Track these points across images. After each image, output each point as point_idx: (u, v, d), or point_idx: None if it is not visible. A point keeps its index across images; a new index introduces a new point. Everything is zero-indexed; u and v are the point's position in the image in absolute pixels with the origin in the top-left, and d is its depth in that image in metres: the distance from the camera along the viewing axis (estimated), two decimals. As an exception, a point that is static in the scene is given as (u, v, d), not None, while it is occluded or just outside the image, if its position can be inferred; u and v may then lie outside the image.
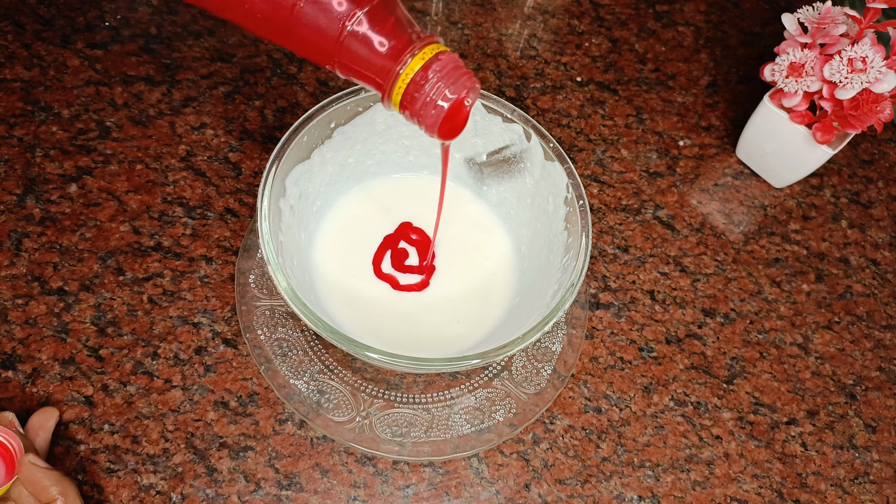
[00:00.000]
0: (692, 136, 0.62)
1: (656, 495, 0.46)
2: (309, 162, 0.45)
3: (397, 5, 0.33)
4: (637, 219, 0.57)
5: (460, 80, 0.34)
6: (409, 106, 0.34)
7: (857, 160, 0.63)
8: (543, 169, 0.46)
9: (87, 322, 0.47)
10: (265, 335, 0.46)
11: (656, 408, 0.49)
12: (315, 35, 0.32)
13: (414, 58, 0.33)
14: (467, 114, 0.36)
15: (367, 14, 0.32)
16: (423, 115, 0.34)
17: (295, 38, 0.33)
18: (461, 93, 0.34)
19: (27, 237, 0.49)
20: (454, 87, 0.34)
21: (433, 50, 0.33)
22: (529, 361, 0.48)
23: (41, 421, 0.42)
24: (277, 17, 0.32)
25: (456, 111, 0.35)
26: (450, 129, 0.36)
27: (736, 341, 0.52)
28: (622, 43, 0.67)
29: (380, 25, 0.32)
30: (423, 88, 0.33)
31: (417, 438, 0.44)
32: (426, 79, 0.33)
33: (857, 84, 0.49)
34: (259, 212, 0.40)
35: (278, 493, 0.43)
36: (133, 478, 0.43)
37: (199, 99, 0.57)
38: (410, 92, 0.34)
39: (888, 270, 0.57)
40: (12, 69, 0.56)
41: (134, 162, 0.54)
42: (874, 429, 0.50)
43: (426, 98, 0.34)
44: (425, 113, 0.34)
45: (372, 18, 0.32)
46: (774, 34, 0.69)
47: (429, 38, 0.34)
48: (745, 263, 0.56)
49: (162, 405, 0.45)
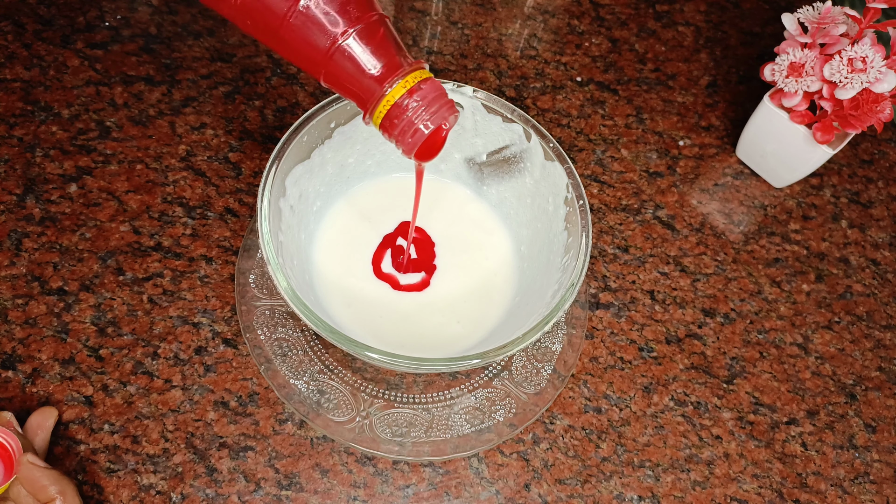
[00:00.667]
0: (692, 136, 0.62)
1: (656, 495, 0.46)
2: (309, 162, 0.45)
3: (388, 28, 0.34)
4: (637, 219, 0.57)
5: (441, 109, 0.35)
6: (389, 130, 0.35)
7: (857, 160, 0.63)
8: (543, 169, 0.46)
9: (87, 322, 0.47)
10: (265, 335, 0.46)
11: (656, 408, 0.49)
12: (306, 46, 0.33)
13: (395, 86, 0.34)
14: (444, 139, 0.37)
15: (358, 33, 0.33)
16: (401, 139, 0.35)
17: (285, 46, 0.33)
18: (441, 122, 0.35)
19: (27, 237, 0.49)
20: (435, 116, 0.35)
21: (417, 77, 0.34)
22: (529, 361, 0.48)
23: (40, 421, 0.42)
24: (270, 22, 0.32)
25: (433, 136, 0.36)
26: (426, 152, 0.37)
27: (736, 341, 0.52)
28: (622, 43, 0.67)
29: (370, 46, 0.33)
30: (405, 114, 0.34)
31: (417, 438, 0.44)
32: (408, 105, 0.34)
33: (857, 84, 0.49)
34: (259, 212, 0.40)
35: (278, 493, 0.43)
36: (133, 478, 0.43)
37: (199, 99, 0.57)
38: (392, 116, 0.34)
39: (888, 270, 0.57)
40: (12, 69, 0.56)
41: (134, 162, 0.54)
42: (874, 429, 0.50)
43: (406, 124, 0.34)
44: (403, 138, 0.35)
45: (363, 38, 0.33)
46: (774, 34, 0.69)
47: (416, 63, 0.34)
48: (745, 263, 0.56)
49: (162, 405, 0.45)
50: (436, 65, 0.63)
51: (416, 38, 0.64)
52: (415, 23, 0.65)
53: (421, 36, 0.64)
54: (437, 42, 0.64)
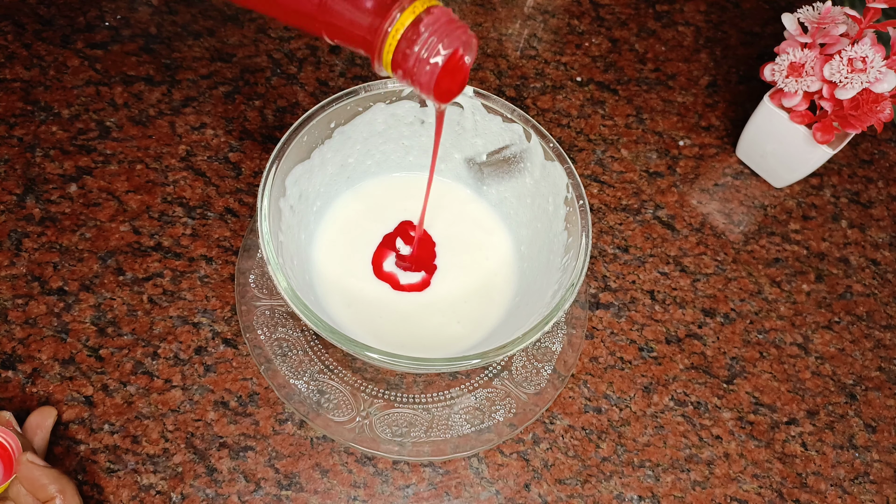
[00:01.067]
0: (692, 136, 0.62)
1: (656, 495, 0.46)
2: (309, 162, 0.45)
3: None
4: (637, 219, 0.57)
5: (454, 33, 0.32)
6: (402, 64, 0.32)
7: (857, 160, 0.63)
8: (543, 169, 0.46)
9: (87, 322, 0.47)
10: (265, 335, 0.46)
11: (656, 408, 0.49)
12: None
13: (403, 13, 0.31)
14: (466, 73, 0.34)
15: None
16: (416, 73, 0.32)
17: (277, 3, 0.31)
18: (456, 46, 0.32)
19: (27, 237, 0.49)
20: (448, 40, 0.31)
21: (424, 4, 0.31)
22: (529, 361, 0.48)
23: (39, 420, 0.42)
24: None
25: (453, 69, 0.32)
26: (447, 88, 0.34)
27: (736, 341, 0.52)
28: (622, 43, 0.67)
29: None
30: (415, 45, 0.31)
31: (417, 438, 0.44)
32: (418, 34, 0.31)
33: (857, 84, 0.49)
34: (259, 212, 0.40)
35: (278, 493, 0.43)
36: (133, 478, 0.43)
37: (199, 99, 0.57)
38: (402, 49, 0.31)
39: (888, 270, 0.57)
40: (12, 69, 0.56)
41: (134, 162, 0.54)
42: (874, 429, 0.50)
43: (419, 54, 0.31)
44: (419, 71, 0.32)
45: None
46: (774, 34, 0.69)
47: None
48: (745, 263, 0.56)
49: (162, 405, 0.45)
50: (436, 65, 0.63)
51: (416, 38, 0.64)
52: (415, 23, 0.65)
53: (421, 36, 0.64)
54: (437, 42, 0.64)
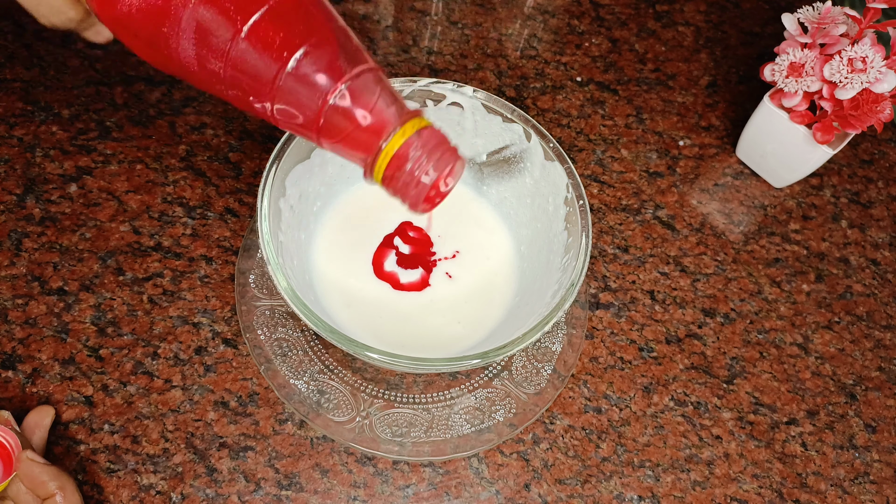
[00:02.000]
0: (692, 136, 0.62)
1: (656, 495, 0.46)
2: (309, 162, 0.45)
3: (381, 78, 0.33)
4: (637, 219, 0.57)
5: (443, 156, 0.33)
6: (392, 183, 0.34)
7: (857, 160, 0.63)
8: (543, 169, 0.46)
9: (87, 322, 0.47)
10: (265, 335, 0.46)
11: (656, 408, 0.49)
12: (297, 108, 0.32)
13: (395, 133, 0.32)
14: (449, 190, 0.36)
15: (349, 88, 0.31)
16: (404, 192, 0.34)
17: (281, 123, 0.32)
18: (443, 170, 0.33)
19: (27, 237, 0.49)
20: (437, 164, 0.33)
21: (415, 125, 0.33)
22: (529, 361, 0.48)
23: (37, 419, 0.42)
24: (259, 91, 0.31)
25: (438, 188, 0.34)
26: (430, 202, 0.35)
27: (736, 341, 0.52)
28: (622, 43, 0.67)
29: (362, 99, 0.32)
30: (405, 165, 0.33)
31: (417, 438, 0.44)
32: (408, 155, 0.33)
33: (857, 84, 0.49)
34: (259, 212, 0.40)
35: (278, 493, 0.43)
36: (133, 478, 0.43)
37: (199, 99, 0.57)
38: (392, 168, 0.33)
39: (888, 270, 0.57)
40: (12, 69, 0.56)
41: (134, 162, 0.54)
42: (874, 429, 0.50)
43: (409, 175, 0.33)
44: (407, 191, 0.34)
45: (354, 92, 0.32)
46: (774, 34, 0.69)
47: (412, 112, 0.33)
48: (745, 263, 0.56)
49: (162, 405, 0.45)
50: (436, 65, 0.63)
51: (416, 38, 0.64)
52: (415, 23, 0.65)
53: (421, 36, 0.64)
54: (437, 42, 0.64)
